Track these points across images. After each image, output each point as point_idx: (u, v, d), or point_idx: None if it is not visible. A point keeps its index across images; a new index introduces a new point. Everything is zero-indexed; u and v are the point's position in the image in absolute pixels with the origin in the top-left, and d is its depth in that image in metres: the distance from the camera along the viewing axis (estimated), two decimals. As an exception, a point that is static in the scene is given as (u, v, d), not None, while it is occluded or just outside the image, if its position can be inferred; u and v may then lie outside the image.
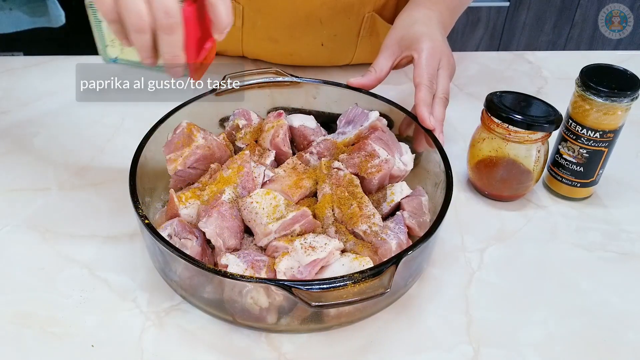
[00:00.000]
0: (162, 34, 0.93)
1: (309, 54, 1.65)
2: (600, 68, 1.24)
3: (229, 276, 0.91)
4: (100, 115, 1.51)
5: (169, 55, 0.96)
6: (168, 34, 0.93)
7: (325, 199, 1.12)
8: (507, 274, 1.16)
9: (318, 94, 1.35)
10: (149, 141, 1.14)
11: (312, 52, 1.64)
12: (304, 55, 1.65)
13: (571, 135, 1.25)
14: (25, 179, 1.32)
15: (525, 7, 3.54)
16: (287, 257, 1.00)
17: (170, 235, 1.03)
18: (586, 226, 1.27)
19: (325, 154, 1.23)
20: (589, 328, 1.07)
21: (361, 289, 0.91)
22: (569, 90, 1.26)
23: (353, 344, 1.04)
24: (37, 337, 1.02)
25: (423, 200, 1.15)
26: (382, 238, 1.05)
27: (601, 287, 1.15)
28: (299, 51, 1.63)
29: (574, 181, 1.29)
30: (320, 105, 1.35)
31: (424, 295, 1.12)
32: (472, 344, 1.04)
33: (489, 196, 1.32)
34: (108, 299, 1.08)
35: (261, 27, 1.58)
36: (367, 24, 1.59)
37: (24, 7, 1.81)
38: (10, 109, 1.53)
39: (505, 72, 1.76)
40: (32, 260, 1.15)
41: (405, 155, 1.23)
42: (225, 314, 1.00)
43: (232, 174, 1.13)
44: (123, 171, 1.09)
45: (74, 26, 1.63)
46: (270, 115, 1.27)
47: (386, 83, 1.31)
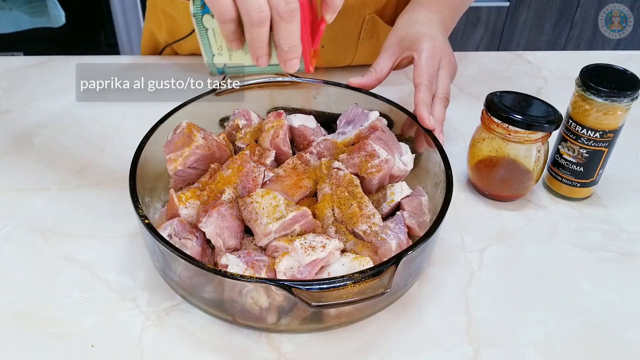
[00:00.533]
0: (281, 23, 0.91)
1: None
2: (600, 68, 1.24)
3: (229, 276, 0.91)
4: (100, 115, 1.51)
5: (287, 46, 0.94)
6: (287, 22, 0.90)
7: (325, 199, 1.12)
8: (507, 274, 1.16)
9: (318, 94, 1.35)
10: (149, 141, 1.14)
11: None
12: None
13: (571, 135, 1.25)
14: (26, 179, 1.32)
15: (525, 7, 3.54)
16: (287, 257, 0.99)
17: (170, 235, 1.03)
18: (586, 226, 1.27)
19: (325, 154, 1.23)
20: (589, 328, 1.07)
21: (361, 289, 0.91)
22: (569, 90, 1.26)
23: (353, 344, 1.04)
24: (37, 337, 1.02)
25: (423, 200, 1.15)
26: (382, 238, 1.05)
27: (601, 287, 1.15)
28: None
29: (574, 181, 1.29)
30: (320, 105, 1.35)
31: (424, 295, 1.12)
32: (472, 344, 1.04)
33: (489, 196, 1.32)
34: (108, 299, 1.08)
35: None
36: (368, 26, 1.59)
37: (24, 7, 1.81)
38: (11, 109, 1.53)
39: (505, 72, 1.76)
40: (32, 260, 1.15)
41: (405, 155, 1.23)
42: (225, 314, 1.00)
43: (232, 174, 1.13)
44: (123, 171, 1.08)
45: (74, 26, 1.63)
46: (270, 115, 1.27)
47: (386, 84, 1.32)
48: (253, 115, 1.30)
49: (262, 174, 1.16)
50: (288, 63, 0.97)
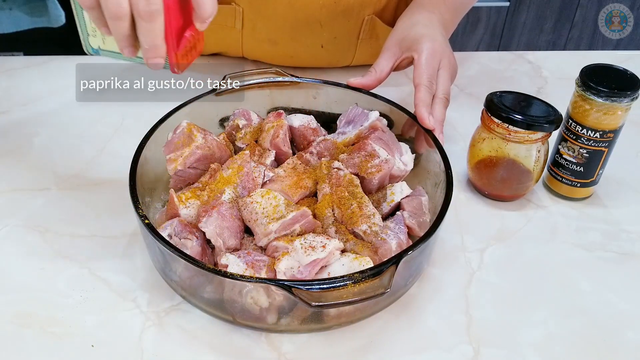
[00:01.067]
0: (142, 22, 0.91)
1: (309, 56, 1.65)
2: (600, 68, 1.24)
3: (229, 276, 0.91)
4: (100, 115, 1.51)
5: (148, 45, 0.94)
6: (147, 22, 0.90)
7: (325, 199, 1.12)
8: (507, 274, 1.16)
9: (318, 94, 1.35)
10: (149, 141, 1.14)
11: (312, 54, 1.64)
12: (304, 57, 1.65)
13: (571, 135, 1.25)
14: (25, 178, 1.32)
15: (525, 7, 3.54)
16: (287, 257, 0.99)
17: (170, 235, 1.03)
18: (586, 226, 1.28)
19: (325, 154, 1.23)
20: (589, 328, 1.08)
21: (361, 289, 0.91)
22: (569, 90, 1.26)
23: (353, 344, 1.04)
24: (37, 337, 1.02)
25: (423, 200, 1.15)
26: (382, 238, 1.05)
27: (601, 287, 1.15)
28: (299, 53, 1.63)
29: (574, 181, 1.29)
30: (321, 105, 1.35)
31: (424, 295, 1.12)
32: (472, 343, 1.04)
33: (489, 196, 1.32)
34: (108, 299, 1.08)
35: (261, 29, 1.58)
36: (367, 26, 1.59)
37: (24, 7, 1.81)
38: (10, 108, 1.53)
39: (505, 72, 1.76)
40: (32, 260, 1.15)
41: (405, 155, 1.23)
42: (225, 314, 1.00)
43: (232, 174, 1.13)
44: (123, 171, 1.08)
45: (74, 26, 1.63)
46: (270, 115, 1.27)
47: (386, 84, 1.32)
48: (253, 115, 1.30)
49: (262, 174, 1.16)
50: (150, 60, 0.96)
